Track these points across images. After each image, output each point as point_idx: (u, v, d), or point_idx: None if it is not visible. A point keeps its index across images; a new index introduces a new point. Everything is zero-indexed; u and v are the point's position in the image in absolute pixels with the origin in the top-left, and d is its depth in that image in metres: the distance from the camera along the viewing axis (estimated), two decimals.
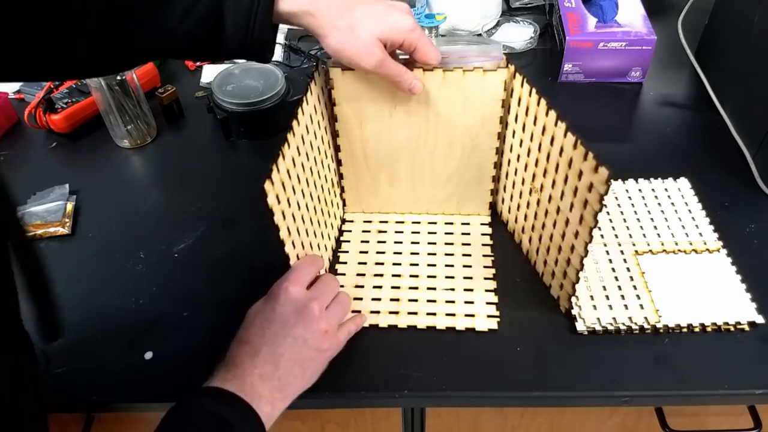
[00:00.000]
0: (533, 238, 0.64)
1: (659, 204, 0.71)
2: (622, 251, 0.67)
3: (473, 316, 0.61)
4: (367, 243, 0.70)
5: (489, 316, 0.61)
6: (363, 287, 0.65)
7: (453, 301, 0.63)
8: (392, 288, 0.65)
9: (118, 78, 0.77)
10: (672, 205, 0.71)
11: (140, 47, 0.55)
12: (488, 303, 0.63)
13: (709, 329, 0.59)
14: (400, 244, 0.70)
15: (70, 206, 0.74)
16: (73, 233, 0.72)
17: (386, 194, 0.71)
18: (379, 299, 0.64)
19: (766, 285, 0.63)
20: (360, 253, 0.69)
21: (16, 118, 0.88)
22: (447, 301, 0.63)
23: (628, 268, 0.65)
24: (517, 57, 0.96)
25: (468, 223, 0.71)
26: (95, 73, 0.67)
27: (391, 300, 0.63)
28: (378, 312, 0.62)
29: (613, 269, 0.65)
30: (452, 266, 0.67)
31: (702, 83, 0.87)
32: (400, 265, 0.67)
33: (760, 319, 0.60)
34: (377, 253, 0.69)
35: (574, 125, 0.53)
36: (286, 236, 0.53)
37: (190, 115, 0.88)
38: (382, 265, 0.67)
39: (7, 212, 0.41)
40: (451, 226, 0.71)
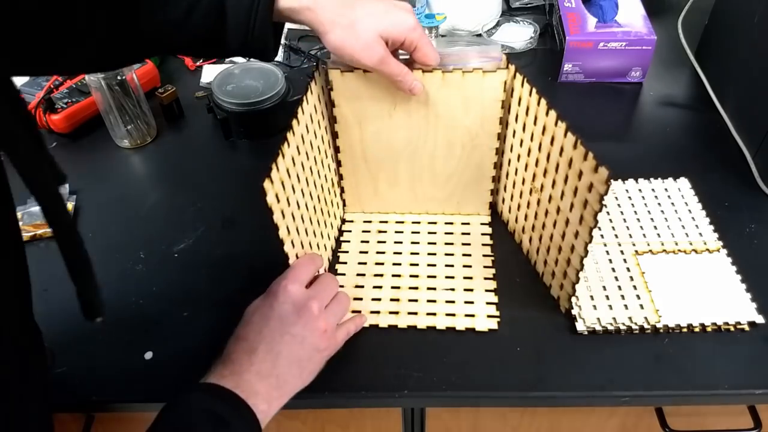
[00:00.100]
0: (533, 238, 0.64)
1: (659, 204, 0.71)
2: (622, 251, 0.67)
3: (473, 316, 0.61)
4: (366, 243, 0.70)
5: (489, 316, 0.61)
6: (363, 287, 0.65)
7: (453, 301, 0.63)
8: (392, 288, 0.65)
9: (118, 78, 0.77)
10: (672, 205, 0.71)
11: (147, 41, 0.55)
12: (488, 303, 0.63)
13: (709, 329, 0.59)
14: (400, 244, 0.70)
15: (70, 206, 0.74)
16: None
17: (386, 194, 0.71)
18: (379, 299, 0.64)
19: (766, 285, 0.63)
20: (360, 253, 0.69)
21: None
22: (447, 301, 0.63)
23: (628, 268, 0.65)
24: (517, 57, 0.96)
25: (468, 223, 0.71)
26: (101, 67, 0.67)
27: (391, 300, 0.63)
28: (378, 312, 0.62)
29: (613, 269, 0.65)
30: (452, 266, 0.67)
31: (702, 83, 0.87)
32: (400, 265, 0.67)
33: (760, 319, 0.60)
34: (377, 253, 0.69)
35: (574, 125, 0.53)
36: (285, 235, 0.53)
37: (190, 115, 0.88)
38: (382, 265, 0.67)
39: (6, 209, 0.42)
40: (451, 226, 0.71)
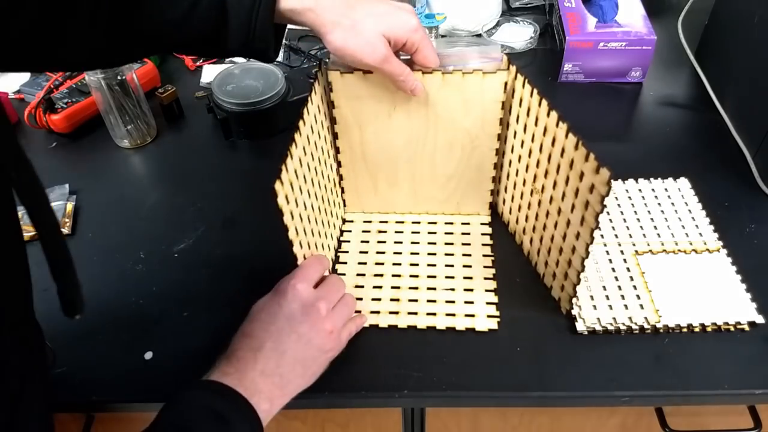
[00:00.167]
0: (534, 239, 0.64)
1: (659, 204, 0.71)
2: (622, 251, 0.67)
3: (473, 316, 0.61)
4: (367, 243, 0.70)
5: (489, 316, 0.61)
6: (363, 287, 0.65)
7: (453, 301, 0.63)
8: (392, 288, 0.65)
9: (118, 78, 0.77)
10: (672, 205, 0.71)
11: (147, 39, 0.55)
12: (488, 303, 0.63)
13: (709, 329, 0.59)
14: (400, 244, 0.70)
15: (70, 206, 0.74)
16: (73, 233, 0.72)
17: (386, 195, 0.71)
18: (379, 299, 0.64)
19: (766, 285, 0.63)
20: (360, 253, 0.69)
21: (16, 118, 0.88)
22: (447, 301, 0.63)
23: (628, 268, 0.65)
24: (517, 57, 0.96)
25: (468, 223, 0.71)
26: (101, 64, 0.67)
27: (391, 300, 0.63)
28: (378, 312, 0.62)
29: (613, 269, 0.65)
30: (452, 266, 0.67)
31: (702, 83, 0.87)
32: (400, 265, 0.67)
33: (760, 319, 0.60)
34: (377, 253, 0.69)
35: (573, 125, 0.52)
36: (294, 236, 0.53)
37: (190, 115, 0.88)
38: (382, 265, 0.67)
39: (9, 207, 0.42)
40: (451, 226, 0.71)
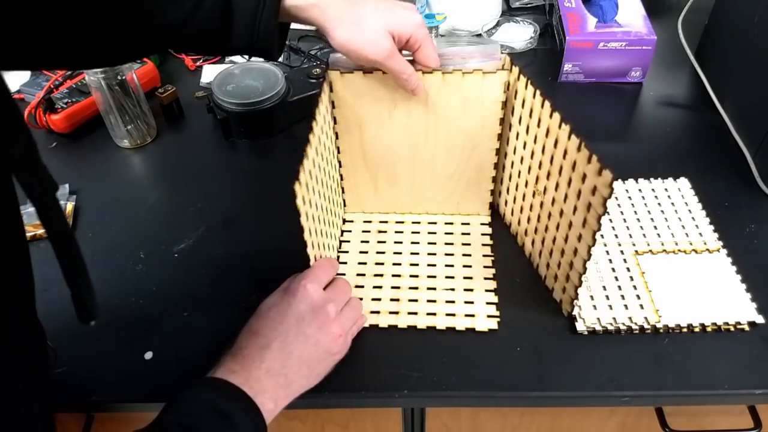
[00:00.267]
0: (536, 241, 0.64)
1: (659, 204, 0.71)
2: (622, 251, 0.67)
3: (473, 316, 0.61)
4: (367, 243, 0.70)
5: (489, 316, 0.61)
6: (363, 287, 0.65)
7: (453, 301, 0.63)
8: (392, 288, 0.65)
9: (118, 78, 0.77)
10: (672, 205, 0.71)
11: (151, 37, 0.55)
12: (488, 303, 0.63)
13: (709, 329, 0.59)
14: (400, 244, 0.70)
15: (70, 206, 0.74)
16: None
17: (386, 195, 0.71)
18: (379, 299, 0.64)
19: (766, 285, 0.63)
20: (360, 253, 0.69)
21: None
22: (447, 301, 0.63)
23: (628, 268, 0.65)
24: (517, 57, 0.96)
25: (468, 223, 0.71)
26: (104, 62, 0.67)
27: (391, 300, 0.63)
28: (378, 312, 0.62)
29: (613, 269, 0.65)
30: (452, 266, 0.67)
31: (702, 83, 0.87)
32: (400, 265, 0.67)
33: (760, 319, 0.60)
34: (377, 253, 0.69)
35: (574, 125, 0.52)
36: (308, 237, 0.53)
37: (190, 115, 0.88)
38: (382, 265, 0.67)
39: (13, 207, 0.42)
40: (451, 226, 0.71)
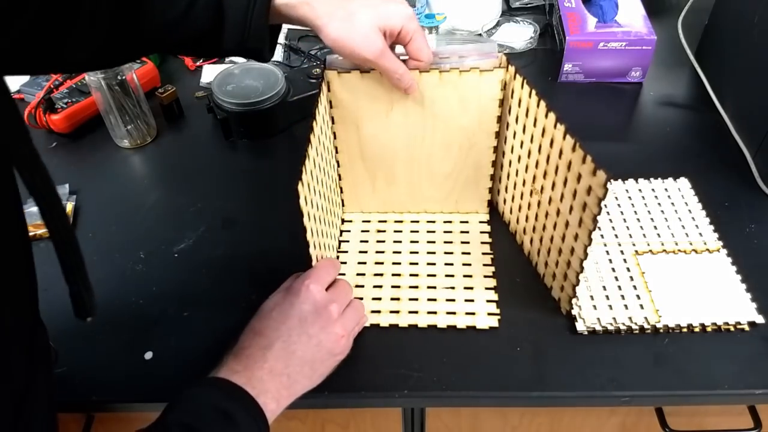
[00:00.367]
0: (534, 240, 0.64)
1: (659, 204, 0.71)
2: (622, 251, 0.66)
3: (474, 314, 0.61)
4: (366, 243, 0.70)
5: (489, 314, 0.61)
6: (363, 287, 0.65)
7: (453, 300, 0.63)
8: (392, 287, 0.65)
9: (118, 78, 0.77)
10: (672, 205, 0.71)
11: (146, 38, 0.55)
12: (488, 301, 0.63)
13: (709, 329, 0.59)
14: (399, 243, 0.70)
15: (70, 206, 0.74)
16: None
17: (384, 194, 0.71)
18: (379, 299, 0.64)
19: (766, 285, 0.63)
20: (359, 253, 0.69)
21: None
22: (447, 299, 0.63)
23: (628, 268, 0.65)
24: (517, 57, 0.96)
25: (467, 222, 0.71)
26: (100, 65, 0.67)
27: (392, 299, 0.63)
28: (378, 311, 0.62)
29: (613, 269, 0.65)
30: (452, 264, 0.67)
31: (702, 83, 0.87)
32: (399, 265, 0.67)
33: (760, 319, 0.60)
34: (377, 253, 0.69)
35: (573, 125, 0.52)
36: (310, 237, 0.53)
37: (190, 115, 0.88)
38: (381, 264, 0.67)
39: (17, 207, 0.42)
40: (450, 225, 0.71)
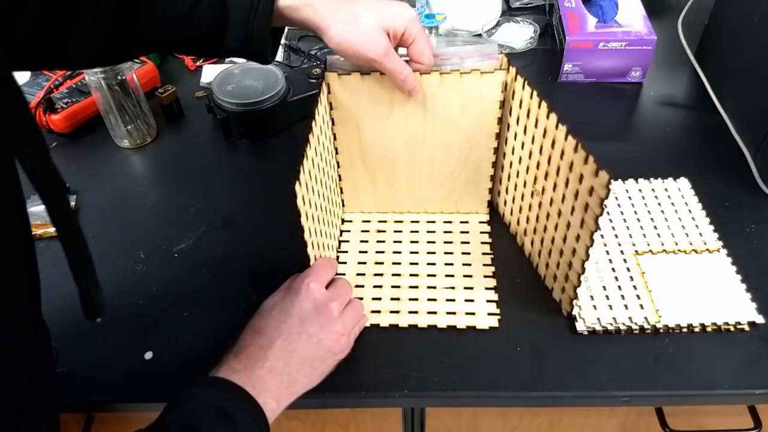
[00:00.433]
0: (535, 241, 0.64)
1: (659, 204, 0.71)
2: (622, 251, 0.66)
3: (473, 314, 0.61)
4: (366, 243, 0.70)
5: (489, 314, 0.61)
6: (363, 287, 0.65)
7: (453, 300, 0.63)
8: (392, 287, 0.65)
9: (118, 78, 0.77)
10: (672, 205, 0.71)
11: (148, 37, 0.55)
12: (488, 301, 0.63)
13: (709, 329, 0.59)
14: (399, 243, 0.70)
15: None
16: None
17: (384, 194, 0.71)
18: (379, 299, 0.64)
19: (766, 285, 0.63)
20: (359, 253, 0.69)
21: None
22: (447, 299, 0.63)
23: (628, 268, 0.65)
24: (517, 57, 0.96)
25: (467, 222, 0.71)
26: (101, 62, 0.67)
27: (392, 299, 0.63)
28: (378, 311, 0.62)
29: (613, 269, 0.65)
30: (452, 265, 0.67)
31: (702, 83, 0.87)
32: (399, 265, 0.67)
33: (760, 319, 0.60)
34: (377, 253, 0.69)
35: (574, 125, 0.52)
36: (308, 237, 0.53)
37: (190, 115, 0.88)
38: (381, 264, 0.67)
39: (21, 208, 0.42)
40: (450, 225, 0.71)
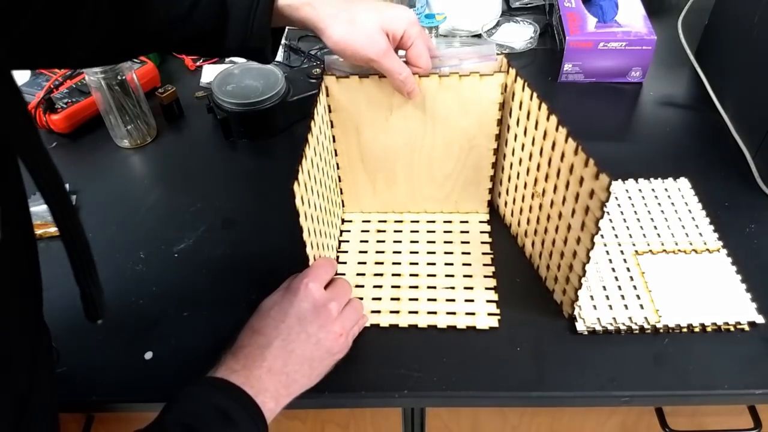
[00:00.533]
0: (536, 243, 0.64)
1: (659, 204, 0.71)
2: (622, 251, 0.66)
3: (474, 314, 0.61)
4: (366, 243, 0.70)
5: (489, 314, 0.61)
6: (363, 287, 0.65)
7: (453, 300, 0.63)
8: (392, 287, 0.65)
9: (118, 78, 0.77)
10: (672, 205, 0.71)
11: (148, 36, 0.55)
12: (488, 301, 0.63)
13: (709, 329, 0.59)
14: (399, 243, 0.70)
15: None
16: None
17: (384, 195, 0.71)
18: (379, 299, 0.64)
19: (766, 285, 0.63)
20: (359, 253, 0.69)
21: None
22: (447, 299, 0.63)
23: (628, 268, 0.65)
24: (517, 57, 0.96)
25: (467, 222, 0.71)
26: (101, 61, 0.68)
27: (392, 299, 0.63)
28: (378, 311, 0.62)
29: (613, 269, 0.65)
30: (452, 265, 0.67)
31: (702, 83, 0.87)
32: (399, 265, 0.67)
33: (760, 319, 0.60)
34: (376, 253, 0.69)
35: (573, 125, 0.52)
36: (306, 237, 0.53)
37: (190, 115, 0.88)
38: (381, 264, 0.67)
39: (24, 209, 0.42)
40: (450, 225, 0.71)
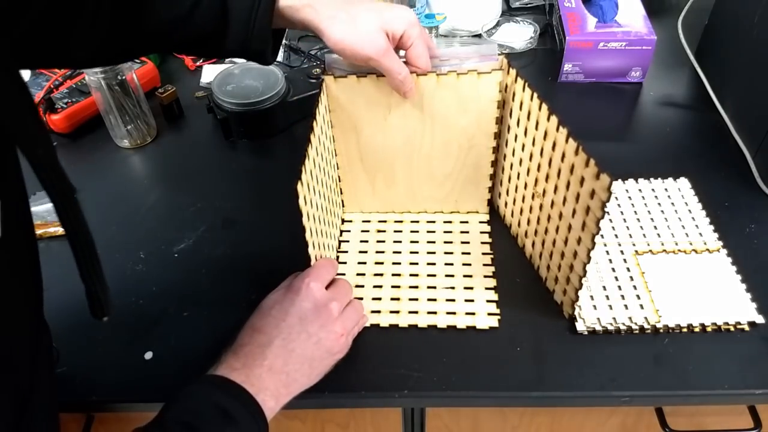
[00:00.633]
0: (536, 243, 0.64)
1: (659, 204, 0.71)
2: (622, 251, 0.66)
3: (473, 314, 0.61)
4: (366, 243, 0.70)
5: (489, 314, 0.61)
6: (363, 287, 0.65)
7: (453, 300, 0.63)
8: (392, 287, 0.65)
9: (118, 78, 0.77)
10: (672, 205, 0.71)
11: (149, 36, 0.56)
12: (488, 301, 0.63)
13: (709, 329, 0.59)
14: (399, 243, 0.70)
15: None
16: None
17: (384, 194, 0.71)
18: (379, 299, 0.64)
19: (766, 285, 0.63)
20: (359, 253, 0.69)
21: None
22: (447, 299, 0.63)
23: (628, 268, 0.65)
24: (517, 57, 0.96)
25: (467, 221, 0.71)
26: (102, 62, 0.68)
27: (392, 299, 0.63)
28: (378, 311, 0.62)
29: (613, 269, 0.65)
30: (452, 264, 0.67)
31: (702, 83, 0.87)
32: (399, 265, 0.67)
33: (760, 319, 0.60)
34: (377, 253, 0.69)
35: (573, 125, 0.52)
36: (309, 237, 0.53)
37: (190, 115, 0.88)
38: (381, 264, 0.67)
39: (25, 209, 0.42)
40: (450, 225, 0.71)
